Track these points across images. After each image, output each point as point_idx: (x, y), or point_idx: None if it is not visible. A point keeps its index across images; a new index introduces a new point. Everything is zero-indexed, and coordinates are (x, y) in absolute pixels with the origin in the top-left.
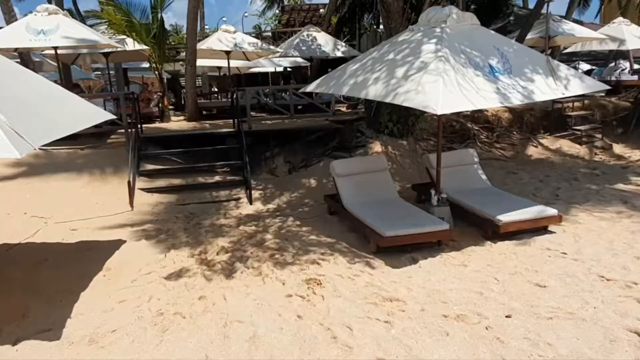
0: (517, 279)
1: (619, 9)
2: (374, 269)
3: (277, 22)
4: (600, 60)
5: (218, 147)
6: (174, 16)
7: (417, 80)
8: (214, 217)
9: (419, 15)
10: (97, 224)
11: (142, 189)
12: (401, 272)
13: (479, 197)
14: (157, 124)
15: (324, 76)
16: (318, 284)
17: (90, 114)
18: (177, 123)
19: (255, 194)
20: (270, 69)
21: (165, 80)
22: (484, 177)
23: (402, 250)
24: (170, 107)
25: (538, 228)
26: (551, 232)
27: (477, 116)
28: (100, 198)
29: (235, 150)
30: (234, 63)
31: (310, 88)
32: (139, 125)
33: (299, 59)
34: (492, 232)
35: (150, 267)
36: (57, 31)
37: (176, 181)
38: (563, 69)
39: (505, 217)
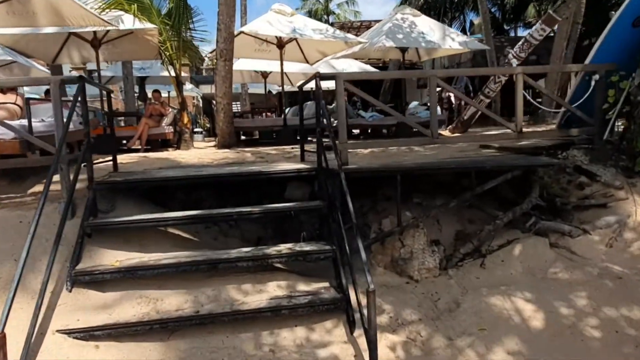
0: None
1: None
2: None
3: None
4: None
5: (271, 206)
6: None
7: None
8: None
9: None
10: None
11: (69, 332)
12: None
13: None
14: (169, 152)
15: None
16: None
17: None
18: (200, 151)
19: (379, 345)
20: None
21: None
22: None
23: None
24: (199, 130)
25: None
26: None
27: None
28: None
29: (311, 214)
30: (288, 67)
31: None
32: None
33: (372, 69)
34: None
35: None
36: None
37: (169, 303)
38: None
39: None
